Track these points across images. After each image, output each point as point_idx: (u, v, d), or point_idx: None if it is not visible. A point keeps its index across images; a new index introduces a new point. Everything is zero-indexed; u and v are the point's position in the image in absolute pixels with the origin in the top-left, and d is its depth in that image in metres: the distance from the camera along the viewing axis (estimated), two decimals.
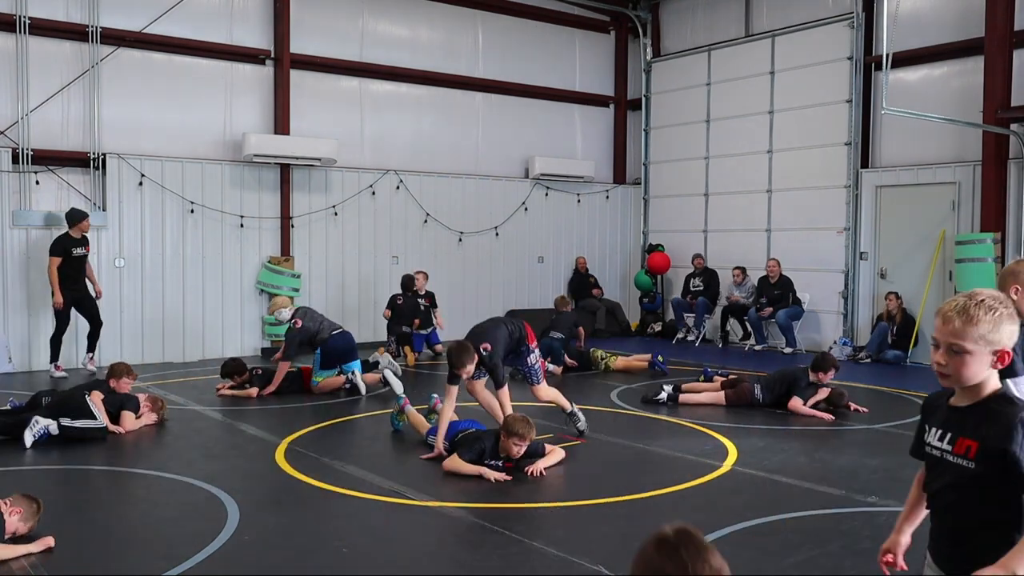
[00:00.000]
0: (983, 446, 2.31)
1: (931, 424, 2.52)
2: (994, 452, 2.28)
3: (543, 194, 15.39)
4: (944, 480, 2.42)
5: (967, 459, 2.34)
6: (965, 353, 2.33)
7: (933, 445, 2.47)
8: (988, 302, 2.34)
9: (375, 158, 13.71)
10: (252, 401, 8.98)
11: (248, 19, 12.56)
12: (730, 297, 13.75)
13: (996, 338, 2.33)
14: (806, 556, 4.47)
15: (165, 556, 4.46)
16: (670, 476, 6.09)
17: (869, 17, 12.70)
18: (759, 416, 8.26)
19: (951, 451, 2.39)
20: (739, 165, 14.44)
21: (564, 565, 4.40)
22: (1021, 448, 2.25)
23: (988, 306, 2.33)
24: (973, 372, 2.35)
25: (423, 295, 12.41)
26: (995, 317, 2.33)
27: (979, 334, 2.32)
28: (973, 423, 2.35)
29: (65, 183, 11.25)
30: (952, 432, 2.40)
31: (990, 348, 2.33)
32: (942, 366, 2.37)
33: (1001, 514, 2.31)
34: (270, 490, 5.84)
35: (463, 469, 6.01)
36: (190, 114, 12.12)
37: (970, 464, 2.33)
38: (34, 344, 10.91)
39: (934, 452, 2.46)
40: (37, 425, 6.87)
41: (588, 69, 16.08)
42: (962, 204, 11.72)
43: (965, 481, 2.35)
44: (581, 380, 10.35)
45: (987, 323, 2.32)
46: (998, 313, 2.33)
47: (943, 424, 2.45)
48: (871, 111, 12.83)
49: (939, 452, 2.44)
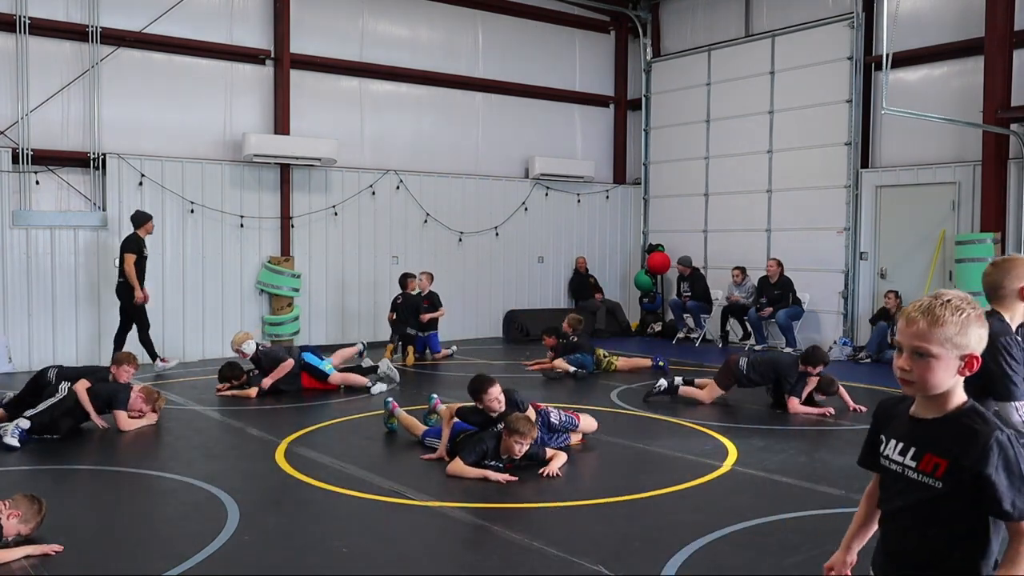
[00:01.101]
0: (954, 465, 2.12)
1: (889, 435, 2.32)
2: (966, 473, 2.10)
3: (543, 194, 15.39)
4: (906, 499, 2.23)
5: (934, 478, 2.16)
6: (931, 357, 2.15)
7: (892, 459, 2.28)
8: (955, 303, 2.18)
9: (375, 158, 13.71)
10: (252, 401, 8.98)
11: (248, 19, 12.56)
12: (730, 297, 13.74)
13: (963, 341, 2.15)
14: (806, 556, 4.47)
15: (165, 556, 4.47)
16: (670, 476, 6.08)
17: (869, 17, 12.70)
18: (759, 416, 8.27)
19: (915, 467, 2.20)
20: (739, 165, 14.44)
21: (564, 565, 4.40)
22: (997, 471, 2.07)
23: (955, 307, 2.17)
24: (939, 379, 2.16)
25: (425, 296, 12.38)
26: (963, 319, 2.16)
27: (945, 336, 2.14)
28: (942, 439, 2.17)
29: (65, 183, 11.25)
30: (917, 447, 2.21)
31: (957, 352, 2.15)
32: (906, 372, 2.18)
33: (966, 538, 2.15)
34: (270, 490, 5.84)
35: (467, 473, 6.01)
36: (190, 114, 12.13)
37: (937, 483, 2.15)
38: (34, 344, 10.92)
39: (893, 467, 2.27)
40: (8, 428, 6.91)
41: (588, 69, 16.08)
42: (962, 204, 11.72)
43: (930, 501, 2.17)
44: (582, 380, 10.35)
45: (954, 325, 2.15)
46: (965, 314, 2.16)
47: (905, 437, 2.26)
48: (871, 111, 12.83)
49: (899, 467, 2.25)
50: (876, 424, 2.42)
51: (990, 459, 2.08)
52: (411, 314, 12.08)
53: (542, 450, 6.31)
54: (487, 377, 6.62)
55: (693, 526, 4.97)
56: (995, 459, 2.08)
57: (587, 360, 10.71)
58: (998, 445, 2.09)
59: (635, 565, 4.41)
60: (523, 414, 6.26)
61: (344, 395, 9.33)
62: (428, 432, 6.96)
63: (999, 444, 2.09)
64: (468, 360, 11.99)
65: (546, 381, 10.35)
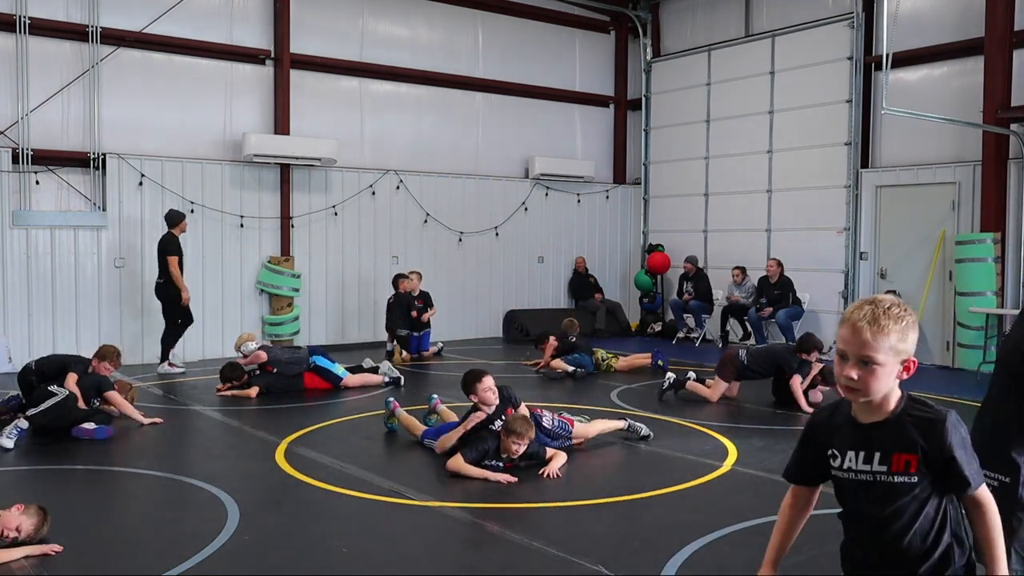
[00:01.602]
0: (925, 458, 2.23)
1: (842, 447, 2.35)
2: (937, 461, 2.22)
3: (543, 194, 15.39)
4: (887, 502, 2.28)
5: (908, 474, 2.24)
6: (876, 365, 2.21)
7: (857, 469, 2.32)
8: (895, 310, 2.23)
9: (375, 158, 13.71)
10: (252, 401, 8.98)
11: (248, 19, 12.56)
12: (730, 297, 13.74)
13: (904, 347, 2.23)
14: (806, 556, 4.47)
15: (165, 556, 4.46)
16: (670, 476, 6.08)
17: (869, 17, 12.70)
18: (759, 416, 8.27)
19: (888, 471, 2.27)
20: (739, 165, 14.44)
21: (564, 565, 4.40)
22: (958, 449, 2.21)
23: (896, 315, 2.22)
24: (884, 384, 2.24)
25: (416, 295, 12.38)
26: (903, 327, 2.23)
27: (889, 344, 2.21)
28: (903, 436, 2.25)
29: (65, 183, 11.26)
30: (882, 451, 2.27)
31: (899, 358, 2.23)
32: (853, 380, 2.23)
33: (943, 526, 2.27)
34: (270, 490, 5.84)
35: (467, 472, 6.00)
36: (190, 114, 12.13)
37: (912, 478, 2.24)
38: (34, 344, 10.91)
39: (861, 476, 2.32)
40: (6, 429, 6.91)
41: (588, 69, 16.08)
42: (962, 204, 11.71)
43: (910, 497, 2.26)
44: (582, 380, 10.35)
45: (896, 332, 2.21)
46: (905, 322, 2.23)
47: (863, 445, 2.31)
48: (871, 111, 12.82)
49: (868, 475, 2.30)
50: (816, 439, 2.44)
51: (952, 441, 2.21)
52: (403, 314, 12.10)
53: (542, 450, 6.31)
54: (477, 370, 6.62)
55: (693, 526, 4.97)
56: (955, 439, 2.22)
57: (586, 360, 10.72)
58: (952, 427, 2.23)
59: (635, 565, 4.41)
60: (521, 414, 6.25)
61: (344, 395, 9.34)
62: (428, 432, 6.96)
63: (953, 425, 2.23)
64: (468, 360, 11.99)
65: (545, 381, 10.35)
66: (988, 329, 10.88)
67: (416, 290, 12.39)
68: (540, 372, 10.81)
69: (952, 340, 11.61)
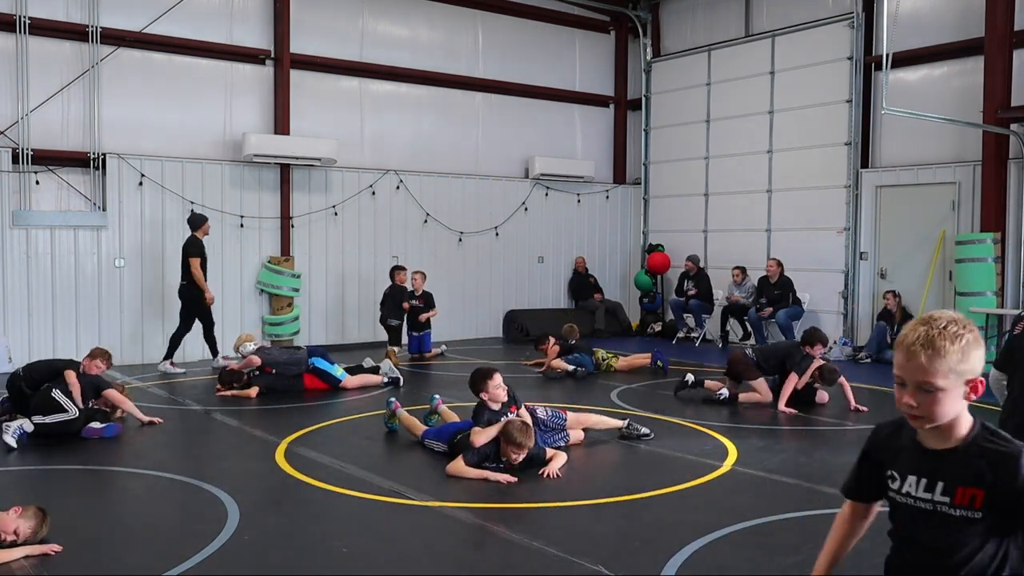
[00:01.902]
0: (992, 494, 2.07)
1: (902, 471, 2.21)
2: (1006, 498, 2.05)
3: (543, 194, 15.39)
4: (945, 532, 2.13)
5: (972, 509, 2.09)
6: (937, 391, 2.05)
7: (916, 496, 2.17)
8: (952, 329, 2.07)
9: (375, 158, 13.71)
10: (252, 401, 8.98)
11: (248, 19, 12.56)
12: (730, 297, 13.74)
13: (967, 368, 2.06)
14: (806, 556, 4.46)
15: (165, 556, 4.46)
16: (670, 476, 6.08)
17: (869, 17, 12.70)
18: (759, 416, 8.27)
19: (950, 503, 2.11)
20: (739, 165, 14.44)
21: (564, 565, 4.40)
22: None
23: (953, 334, 2.06)
24: (948, 409, 2.07)
25: (419, 295, 12.40)
26: (963, 345, 2.06)
27: (949, 367, 2.04)
28: (970, 469, 2.09)
29: (65, 183, 11.26)
30: (945, 481, 2.12)
31: (962, 379, 2.07)
32: (913, 407, 2.08)
33: (1002, 567, 2.11)
34: (270, 490, 5.84)
35: (467, 474, 6.00)
36: (190, 114, 12.13)
37: (976, 514, 2.09)
38: (34, 344, 10.91)
39: (920, 504, 2.17)
40: (11, 427, 6.90)
41: (588, 69, 16.08)
42: (962, 204, 11.71)
43: (971, 534, 2.11)
44: (582, 379, 10.34)
45: (955, 353, 2.05)
46: (965, 340, 2.06)
47: (925, 472, 2.16)
48: (871, 111, 12.83)
49: (928, 504, 2.15)
50: (876, 457, 2.31)
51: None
52: (396, 305, 12.10)
53: (542, 451, 6.31)
54: (486, 368, 6.62)
55: (693, 526, 4.97)
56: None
57: (586, 360, 10.72)
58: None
59: (635, 565, 4.41)
60: (521, 423, 6.19)
61: (344, 395, 9.34)
62: (428, 432, 6.96)
63: None
64: (468, 360, 11.99)
65: (545, 381, 10.34)
66: (988, 329, 10.87)
67: (419, 290, 12.39)
68: (542, 373, 10.81)
69: None
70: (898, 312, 11.94)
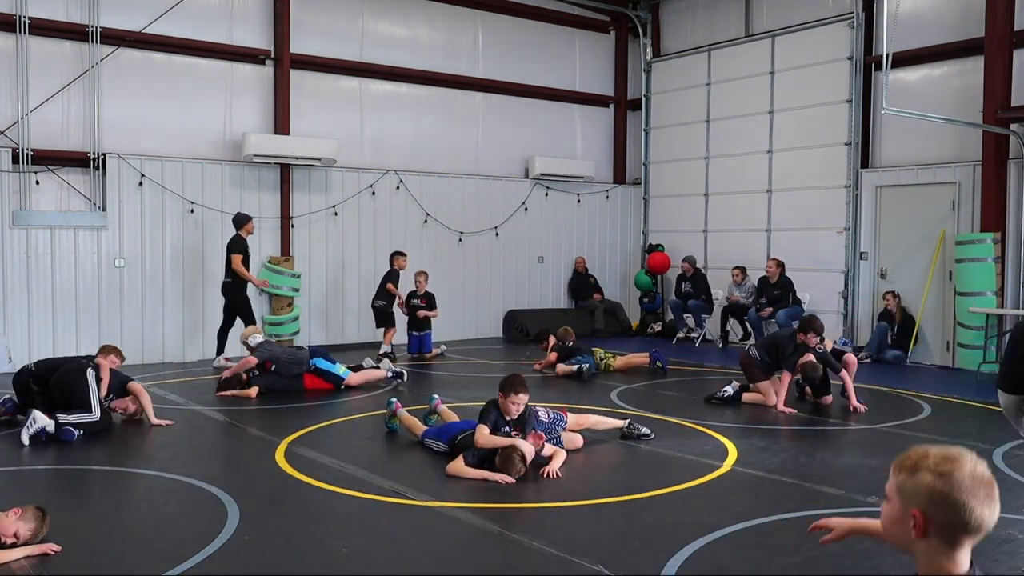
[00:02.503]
0: None
1: None
2: None
3: (543, 194, 15.39)
4: None
5: None
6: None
7: None
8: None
9: (375, 158, 13.71)
10: (252, 401, 8.98)
11: (248, 19, 12.56)
12: (730, 297, 13.74)
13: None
14: (806, 556, 4.47)
15: (165, 556, 4.46)
16: (670, 476, 6.08)
17: (869, 17, 12.70)
18: (759, 416, 8.27)
19: None
20: (739, 165, 14.44)
21: (564, 565, 4.40)
22: None
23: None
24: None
25: (422, 295, 12.41)
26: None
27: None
28: None
29: (65, 183, 11.26)
30: None
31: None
32: None
33: None
34: (270, 490, 5.84)
35: (467, 474, 6.00)
36: (190, 114, 12.13)
37: None
38: (34, 344, 10.91)
39: None
40: (35, 424, 6.91)
41: (588, 69, 16.08)
42: (962, 204, 11.71)
43: None
44: (587, 380, 10.33)
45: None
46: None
47: None
48: (871, 111, 12.82)
49: None
50: None
51: None
52: (381, 286, 12.18)
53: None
54: (522, 381, 6.37)
55: (693, 526, 4.97)
56: None
57: (588, 360, 10.72)
58: None
59: (635, 565, 4.41)
60: (519, 452, 5.98)
61: (344, 395, 9.34)
62: (428, 432, 6.96)
63: None
64: (468, 360, 12.00)
65: (545, 381, 10.34)
66: (988, 329, 10.88)
67: (422, 290, 12.40)
68: (542, 373, 10.81)
69: (952, 340, 11.61)
70: (898, 312, 11.95)
